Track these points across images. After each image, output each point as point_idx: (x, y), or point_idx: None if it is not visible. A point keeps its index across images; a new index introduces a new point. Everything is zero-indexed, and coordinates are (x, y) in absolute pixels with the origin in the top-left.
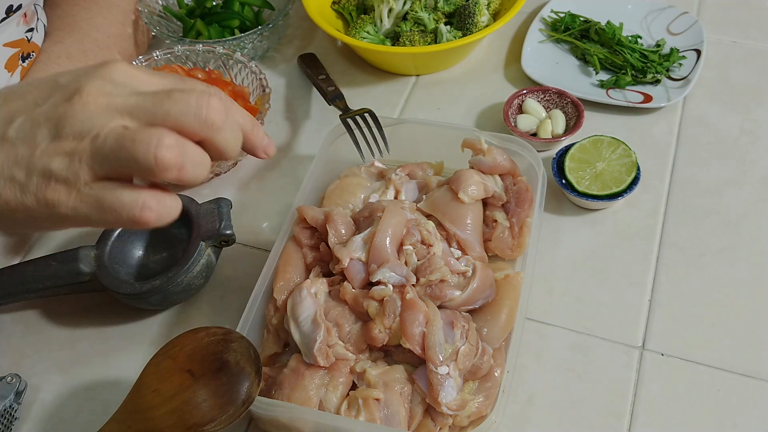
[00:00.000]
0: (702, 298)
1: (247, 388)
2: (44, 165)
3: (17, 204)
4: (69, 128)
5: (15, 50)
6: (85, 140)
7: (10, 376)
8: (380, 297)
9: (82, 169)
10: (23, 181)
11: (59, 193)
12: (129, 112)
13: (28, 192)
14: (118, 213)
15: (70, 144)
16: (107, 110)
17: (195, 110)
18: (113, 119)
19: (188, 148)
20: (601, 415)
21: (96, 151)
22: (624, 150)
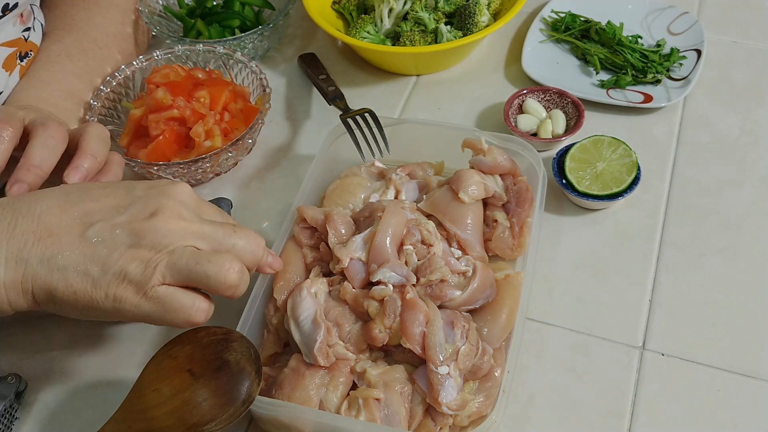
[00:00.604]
0: (702, 298)
1: (248, 387)
2: (121, 267)
3: (85, 295)
4: (149, 241)
5: (12, 50)
6: (161, 252)
7: (11, 377)
8: (380, 297)
9: (155, 274)
10: (97, 277)
11: (129, 292)
12: (202, 237)
13: (99, 287)
14: (177, 313)
15: (147, 253)
16: (184, 232)
17: (252, 248)
18: (187, 240)
19: (245, 273)
20: (601, 415)
21: (172, 262)
22: (624, 150)
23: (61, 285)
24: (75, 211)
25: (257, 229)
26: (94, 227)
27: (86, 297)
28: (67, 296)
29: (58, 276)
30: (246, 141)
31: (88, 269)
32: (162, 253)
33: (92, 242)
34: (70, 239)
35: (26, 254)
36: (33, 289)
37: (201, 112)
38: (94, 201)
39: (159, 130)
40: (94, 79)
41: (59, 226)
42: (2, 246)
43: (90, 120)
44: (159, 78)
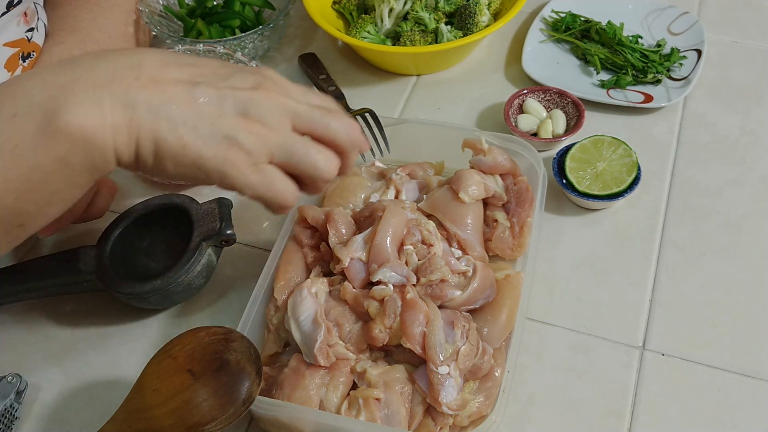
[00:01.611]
0: (702, 298)
1: (248, 387)
2: (230, 130)
3: (194, 150)
4: (255, 113)
5: (15, 50)
6: (269, 130)
7: (11, 376)
8: (381, 297)
9: (265, 150)
10: (207, 135)
11: (239, 159)
12: (299, 115)
13: (209, 146)
14: (277, 194)
15: (255, 125)
16: (284, 109)
17: (347, 129)
18: (289, 118)
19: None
20: (601, 415)
21: (285, 144)
22: (624, 150)
23: (170, 136)
24: (176, 70)
25: (257, 229)
26: (199, 87)
27: (194, 153)
28: (175, 149)
29: (167, 126)
30: None
31: (197, 125)
32: (270, 130)
33: (199, 101)
34: (176, 93)
35: (132, 99)
36: (140, 137)
37: None
38: (193, 66)
39: None
40: None
41: (163, 79)
42: (105, 89)
43: None
44: None
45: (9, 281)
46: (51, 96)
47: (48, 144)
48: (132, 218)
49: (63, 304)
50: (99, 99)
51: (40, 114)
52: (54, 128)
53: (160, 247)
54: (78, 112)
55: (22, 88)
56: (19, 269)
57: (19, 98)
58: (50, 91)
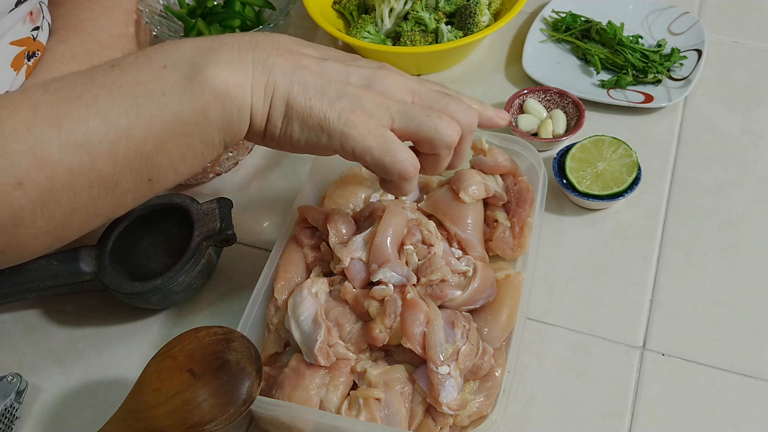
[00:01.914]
0: (703, 298)
1: (248, 387)
2: (356, 96)
3: (320, 111)
4: (378, 86)
5: (21, 49)
6: (392, 100)
7: (11, 376)
8: (381, 297)
9: (387, 115)
10: (333, 98)
11: (361, 120)
12: (419, 93)
13: (334, 108)
14: (396, 158)
15: (379, 96)
16: (406, 86)
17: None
18: (409, 93)
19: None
20: (601, 415)
21: (405, 110)
22: (625, 150)
23: (301, 97)
24: (310, 48)
25: (258, 229)
26: (328, 62)
27: (320, 113)
28: (303, 109)
29: (298, 89)
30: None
31: (325, 89)
32: (392, 101)
33: (328, 72)
34: (308, 62)
35: (271, 63)
36: (274, 96)
37: None
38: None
39: None
40: None
41: (298, 54)
42: (248, 53)
43: None
44: None
45: (9, 281)
46: (200, 53)
47: (192, 93)
48: (132, 218)
49: (63, 304)
50: (243, 60)
51: (188, 66)
52: (200, 79)
53: (160, 247)
54: (223, 69)
55: (173, 46)
56: (20, 269)
57: (170, 53)
58: (200, 50)
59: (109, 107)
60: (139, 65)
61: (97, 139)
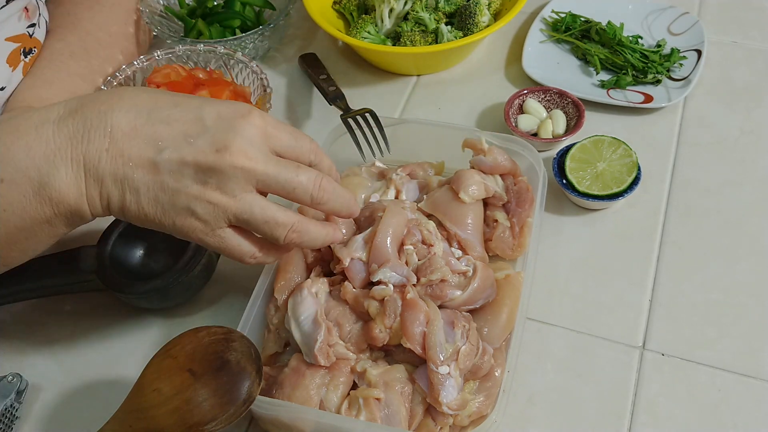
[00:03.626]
0: (702, 298)
1: (248, 387)
2: (188, 203)
3: (154, 219)
4: (215, 181)
5: (16, 45)
6: (228, 196)
7: (11, 376)
8: (381, 297)
9: (223, 218)
10: (166, 207)
11: (195, 227)
12: (265, 180)
13: (168, 216)
14: (234, 254)
15: (213, 194)
16: (249, 176)
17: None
18: (251, 183)
19: (309, 228)
20: (601, 415)
21: (240, 212)
22: (625, 150)
23: (134, 206)
24: (145, 133)
25: None
26: (163, 154)
27: (156, 220)
28: (139, 216)
29: (131, 198)
30: None
31: (158, 196)
32: (227, 197)
33: (161, 170)
34: (141, 162)
35: (102, 172)
36: (109, 204)
37: None
38: (165, 123)
39: None
40: (97, 79)
41: (130, 148)
42: (81, 161)
43: None
44: (160, 78)
45: (9, 281)
46: (36, 167)
47: (35, 210)
48: None
49: (63, 304)
50: (76, 174)
51: (27, 183)
52: (40, 199)
53: (160, 247)
54: (60, 187)
55: (9, 153)
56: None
57: (6, 164)
58: (35, 161)
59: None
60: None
61: None
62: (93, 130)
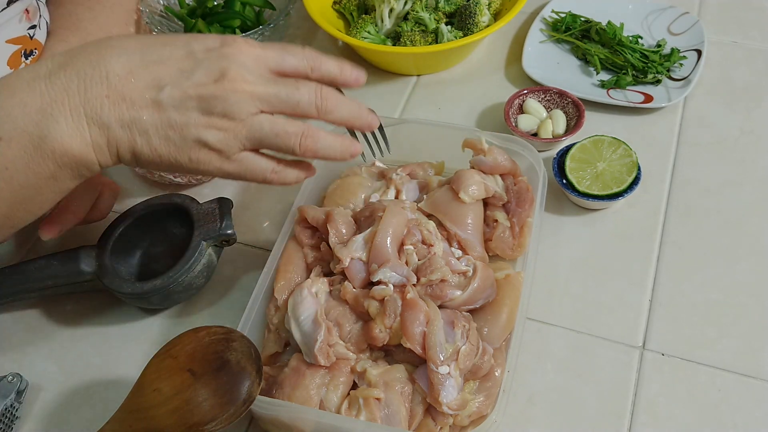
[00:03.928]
0: (702, 298)
1: (248, 387)
2: (198, 134)
3: (169, 157)
4: (220, 109)
5: (17, 47)
6: (236, 121)
7: (11, 376)
8: (381, 297)
9: (236, 143)
10: (178, 143)
11: (212, 157)
12: (267, 100)
13: (182, 152)
14: (256, 173)
15: (221, 122)
16: (251, 98)
17: (316, 103)
18: (255, 105)
19: (321, 136)
20: (601, 415)
21: (251, 133)
22: (625, 150)
23: (146, 149)
24: (142, 74)
25: (258, 229)
26: (165, 91)
27: (171, 159)
28: (153, 158)
29: (142, 140)
30: None
31: (168, 135)
32: (236, 122)
33: (166, 107)
34: (144, 104)
35: (106, 118)
36: (119, 151)
37: None
38: (159, 63)
39: None
40: None
41: (131, 91)
42: (81, 111)
43: None
44: None
45: (10, 281)
46: (33, 121)
47: (38, 166)
48: (132, 218)
49: (63, 304)
50: (78, 123)
51: (26, 139)
52: (42, 153)
53: (160, 247)
54: (62, 138)
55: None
56: (19, 269)
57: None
58: (31, 116)
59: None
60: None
61: None
62: (89, 79)
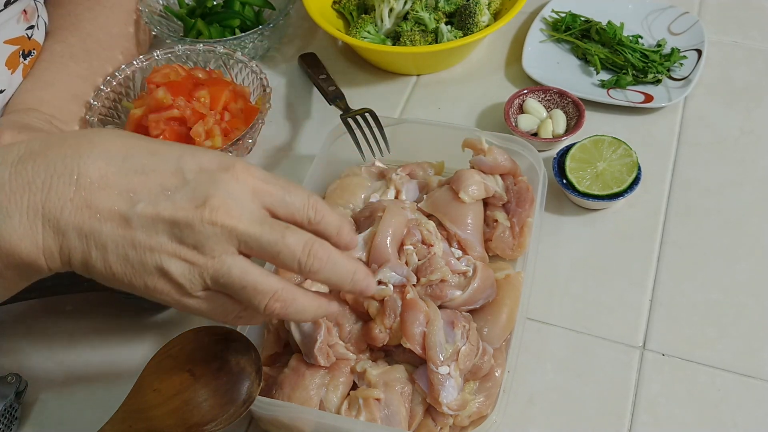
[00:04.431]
0: (702, 298)
1: (248, 387)
2: (161, 262)
3: (124, 278)
4: (192, 239)
5: (15, 47)
6: (206, 257)
7: (11, 376)
8: (381, 297)
9: (199, 281)
10: (136, 266)
11: (169, 288)
12: (245, 241)
13: (138, 277)
14: (219, 317)
15: (189, 253)
16: (229, 236)
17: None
18: (232, 244)
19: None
20: (601, 415)
21: (219, 274)
22: (625, 150)
23: (99, 264)
24: (117, 183)
25: None
26: (137, 208)
27: (125, 280)
28: (106, 275)
29: (96, 254)
30: (246, 141)
31: (127, 254)
32: (206, 258)
33: (133, 225)
34: (110, 216)
35: (64, 225)
36: (71, 260)
37: (201, 111)
38: (140, 174)
39: (159, 130)
40: (97, 80)
41: (98, 199)
42: (39, 209)
43: (90, 119)
44: (159, 78)
45: None
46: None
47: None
48: None
49: (63, 304)
50: (32, 223)
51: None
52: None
53: None
54: (11, 237)
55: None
56: None
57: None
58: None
59: None
60: None
61: None
62: (56, 177)
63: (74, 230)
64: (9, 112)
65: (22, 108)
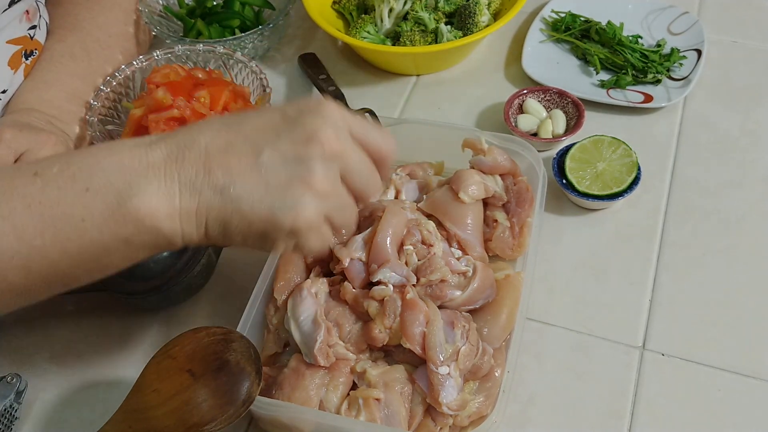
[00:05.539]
0: (702, 298)
1: (248, 388)
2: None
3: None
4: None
5: (18, 47)
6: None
7: (11, 376)
8: (380, 297)
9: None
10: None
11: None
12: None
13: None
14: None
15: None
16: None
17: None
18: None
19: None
20: (601, 415)
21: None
22: (624, 150)
23: (236, 217)
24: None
25: None
26: (263, 155)
27: (260, 228)
28: (241, 228)
29: (232, 207)
30: None
31: (263, 199)
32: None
33: (262, 172)
34: (241, 169)
35: (200, 184)
36: (207, 220)
37: (201, 112)
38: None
39: (159, 130)
40: (97, 80)
41: (228, 158)
42: (174, 176)
43: (90, 119)
44: (159, 78)
45: None
46: (125, 179)
47: (115, 224)
48: None
49: (63, 304)
50: (169, 187)
51: (112, 195)
52: (123, 212)
53: None
54: (149, 199)
55: (99, 165)
56: None
57: (95, 174)
58: (126, 175)
59: (25, 225)
60: (62, 183)
61: (9, 254)
62: (187, 150)
63: (209, 189)
64: (10, 111)
65: (23, 108)
